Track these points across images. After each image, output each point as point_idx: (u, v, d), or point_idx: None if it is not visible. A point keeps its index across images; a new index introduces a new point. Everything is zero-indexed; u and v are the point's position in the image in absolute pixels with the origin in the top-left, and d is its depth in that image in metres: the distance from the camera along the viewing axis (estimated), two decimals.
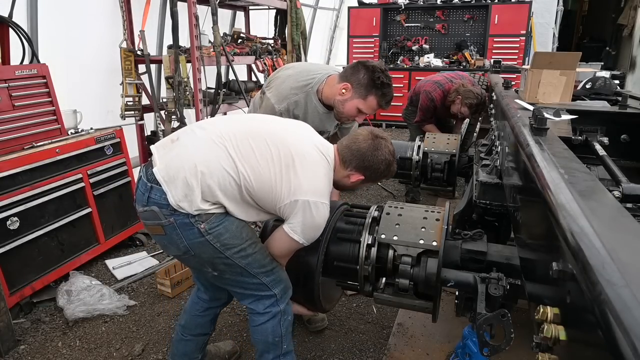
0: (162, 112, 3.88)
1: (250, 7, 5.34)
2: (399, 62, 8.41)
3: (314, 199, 1.55)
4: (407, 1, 8.33)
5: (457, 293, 1.74)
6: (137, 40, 3.82)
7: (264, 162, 1.54)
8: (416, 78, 7.90)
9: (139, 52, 3.81)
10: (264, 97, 2.16)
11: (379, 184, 5.15)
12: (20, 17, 3.16)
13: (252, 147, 1.55)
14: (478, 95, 3.77)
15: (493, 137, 2.62)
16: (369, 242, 1.80)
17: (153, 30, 4.49)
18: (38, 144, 2.76)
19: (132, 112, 3.91)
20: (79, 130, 3.18)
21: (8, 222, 2.51)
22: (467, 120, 4.56)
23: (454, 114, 4.02)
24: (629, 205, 1.15)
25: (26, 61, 3.09)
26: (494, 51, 7.76)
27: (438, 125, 4.20)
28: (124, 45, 3.78)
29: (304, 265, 1.82)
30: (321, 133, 2.00)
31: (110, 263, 3.23)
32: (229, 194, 1.54)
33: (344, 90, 2.00)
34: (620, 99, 2.39)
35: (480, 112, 3.86)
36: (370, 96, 1.97)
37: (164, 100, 3.93)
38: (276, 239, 1.70)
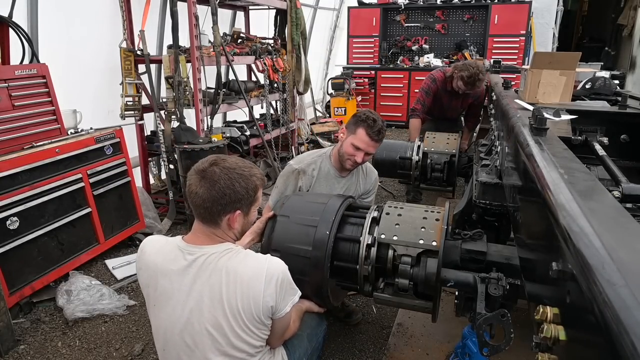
0: (162, 112, 3.88)
1: (250, 7, 5.35)
2: (398, 62, 8.42)
3: (275, 273, 1.41)
4: (407, 1, 8.34)
5: (456, 293, 1.74)
6: (137, 40, 3.82)
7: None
8: (416, 78, 7.92)
9: (138, 52, 3.81)
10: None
11: (379, 183, 5.14)
12: (20, 17, 3.16)
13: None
14: (470, 67, 3.74)
15: (493, 137, 2.63)
16: (369, 242, 1.80)
17: (153, 30, 4.49)
18: (38, 144, 2.75)
19: (132, 112, 3.91)
20: (79, 130, 3.18)
21: (8, 222, 2.51)
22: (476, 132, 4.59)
23: (456, 95, 4.04)
24: (629, 205, 1.15)
25: (26, 61, 3.09)
26: (493, 51, 7.77)
27: (441, 126, 4.19)
28: (124, 45, 3.78)
29: (312, 259, 1.80)
30: None
31: (110, 263, 3.23)
32: None
33: (342, 134, 2.33)
34: (620, 99, 2.39)
35: (475, 84, 3.80)
36: (359, 129, 2.21)
37: (164, 100, 3.93)
38: (286, 326, 1.57)
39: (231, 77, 4.48)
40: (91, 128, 3.21)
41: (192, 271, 1.40)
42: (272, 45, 4.87)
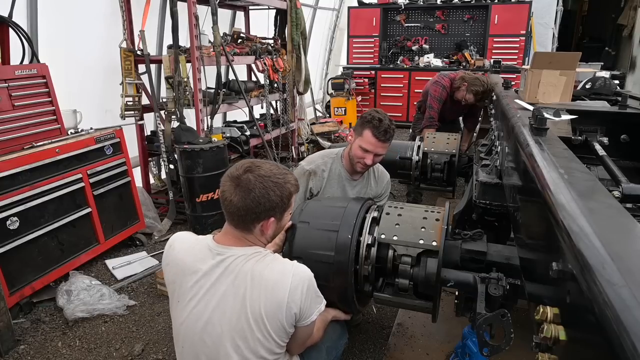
0: (162, 112, 3.88)
1: (250, 7, 5.35)
2: (398, 62, 8.42)
3: (299, 283, 1.38)
4: (407, 1, 8.34)
5: (456, 293, 1.74)
6: (137, 40, 3.82)
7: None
8: (416, 78, 7.93)
9: (139, 52, 3.81)
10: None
11: None
12: (20, 17, 3.16)
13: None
14: (484, 83, 3.83)
15: (493, 137, 2.63)
16: (369, 242, 1.79)
17: (153, 30, 4.49)
18: (38, 144, 2.75)
19: (132, 112, 3.91)
20: (79, 130, 3.18)
21: (8, 222, 2.51)
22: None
23: (458, 102, 4.07)
24: (629, 205, 1.15)
25: (26, 61, 3.09)
26: (493, 51, 7.77)
27: (440, 127, 4.21)
28: (124, 45, 3.78)
29: (335, 264, 1.78)
30: None
31: (110, 263, 3.23)
32: None
33: (350, 137, 2.35)
34: (620, 99, 2.39)
35: (484, 100, 3.88)
36: (365, 130, 2.19)
37: (164, 100, 3.93)
38: (308, 334, 1.55)
39: (231, 77, 4.48)
40: (91, 128, 3.21)
41: (218, 271, 1.39)
42: (272, 45, 4.87)
